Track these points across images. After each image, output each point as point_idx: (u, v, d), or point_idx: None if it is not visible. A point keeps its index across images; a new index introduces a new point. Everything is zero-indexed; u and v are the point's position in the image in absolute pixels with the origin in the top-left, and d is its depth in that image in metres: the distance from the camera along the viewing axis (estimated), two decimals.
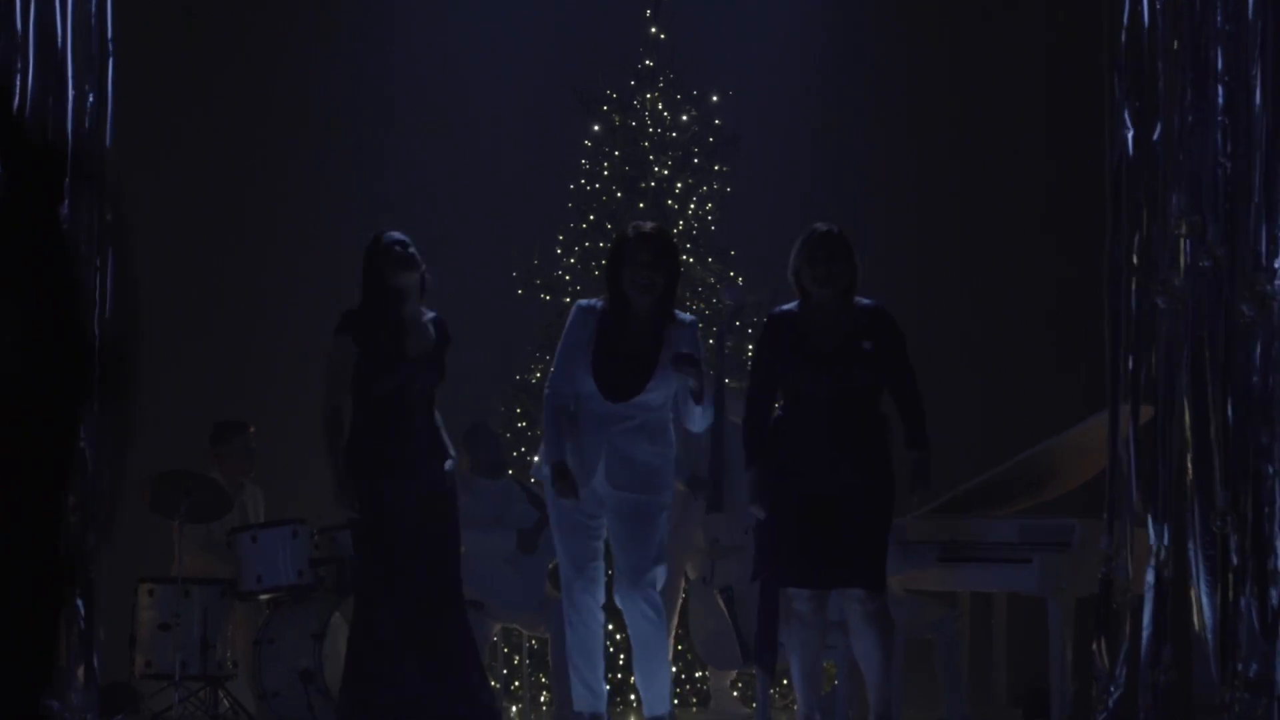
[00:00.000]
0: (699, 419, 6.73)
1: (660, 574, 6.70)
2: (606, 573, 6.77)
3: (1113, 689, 6.88)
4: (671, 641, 8.04)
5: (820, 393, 6.37)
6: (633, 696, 8.50)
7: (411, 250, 6.76)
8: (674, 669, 8.14)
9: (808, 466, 6.35)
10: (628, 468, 6.62)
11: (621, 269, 6.64)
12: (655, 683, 6.73)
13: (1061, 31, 10.28)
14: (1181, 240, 6.79)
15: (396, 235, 6.77)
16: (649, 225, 6.76)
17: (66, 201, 1.90)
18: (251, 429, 8.86)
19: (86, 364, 1.86)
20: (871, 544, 6.34)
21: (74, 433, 1.85)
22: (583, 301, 6.83)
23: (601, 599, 6.74)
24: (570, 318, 6.77)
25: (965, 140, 11.00)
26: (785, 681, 8.57)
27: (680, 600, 8.22)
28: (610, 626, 7.91)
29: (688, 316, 6.84)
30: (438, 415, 6.86)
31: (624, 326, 6.67)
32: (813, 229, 6.47)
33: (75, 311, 1.86)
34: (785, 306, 6.55)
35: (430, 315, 6.85)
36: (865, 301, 6.48)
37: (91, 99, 7.11)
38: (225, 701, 7.89)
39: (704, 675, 8.79)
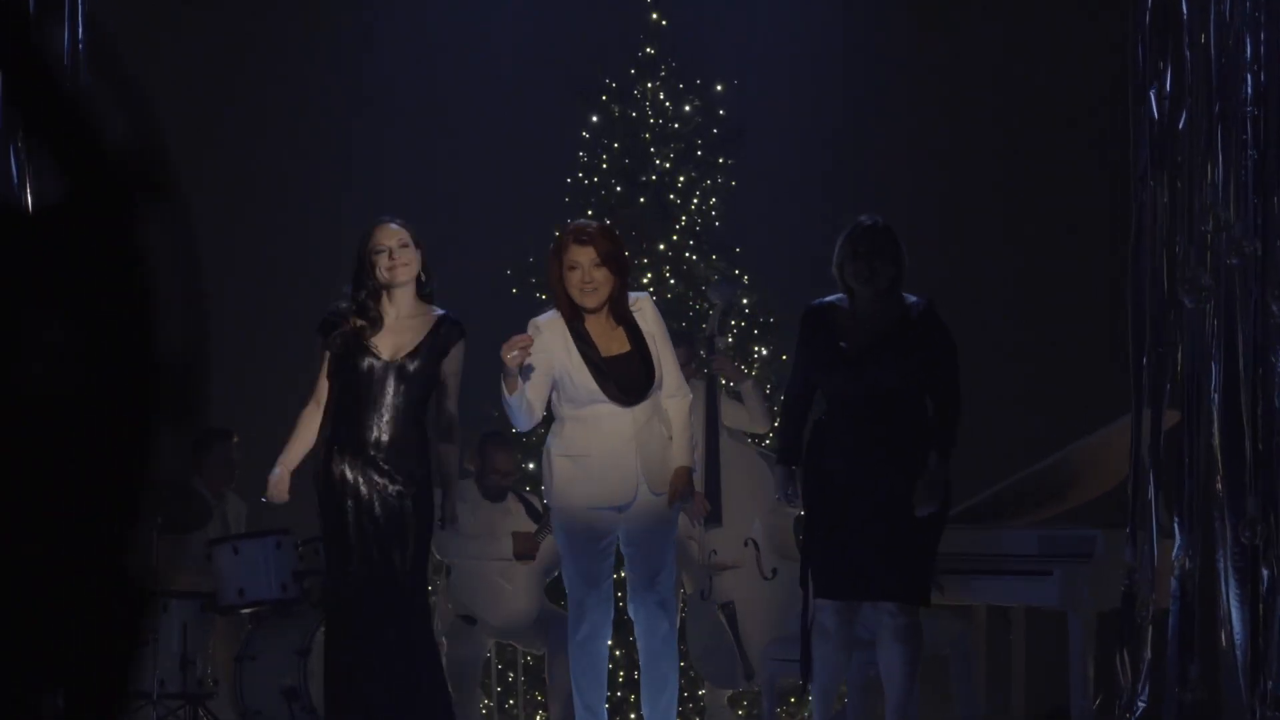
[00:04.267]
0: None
1: (673, 579, 6.43)
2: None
3: (1136, 707, 6.69)
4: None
5: (851, 395, 6.10)
6: (633, 715, 8.30)
7: (406, 243, 6.23)
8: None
9: (839, 472, 6.08)
10: (660, 468, 6.24)
11: (562, 274, 6.21)
12: (663, 696, 6.41)
13: (1080, 19, 10.10)
14: (1209, 236, 6.57)
15: (392, 225, 6.24)
16: (592, 225, 6.40)
17: (135, 212, 1.75)
18: (235, 438, 8.61)
19: (153, 383, 1.72)
20: (906, 556, 6.07)
21: (144, 455, 1.72)
22: (538, 319, 6.30)
23: (612, 615, 6.45)
24: (535, 343, 6.09)
25: (980, 131, 10.81)
26: (792, 699, 8.42)
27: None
28: (609, 642, 7.76)
29: (640, 294, 6.44)
30: (429, 429, 6.33)
31: (594, 330, 6.25)
32: (856, 223, 6.18)
33: (141, 328, 1.71)
34: (826, 299, 6.25)
35: (436, 313, 6.30)
36: (913, 299, 6.21)
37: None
38: None
39: (702, 694, 8.57)
